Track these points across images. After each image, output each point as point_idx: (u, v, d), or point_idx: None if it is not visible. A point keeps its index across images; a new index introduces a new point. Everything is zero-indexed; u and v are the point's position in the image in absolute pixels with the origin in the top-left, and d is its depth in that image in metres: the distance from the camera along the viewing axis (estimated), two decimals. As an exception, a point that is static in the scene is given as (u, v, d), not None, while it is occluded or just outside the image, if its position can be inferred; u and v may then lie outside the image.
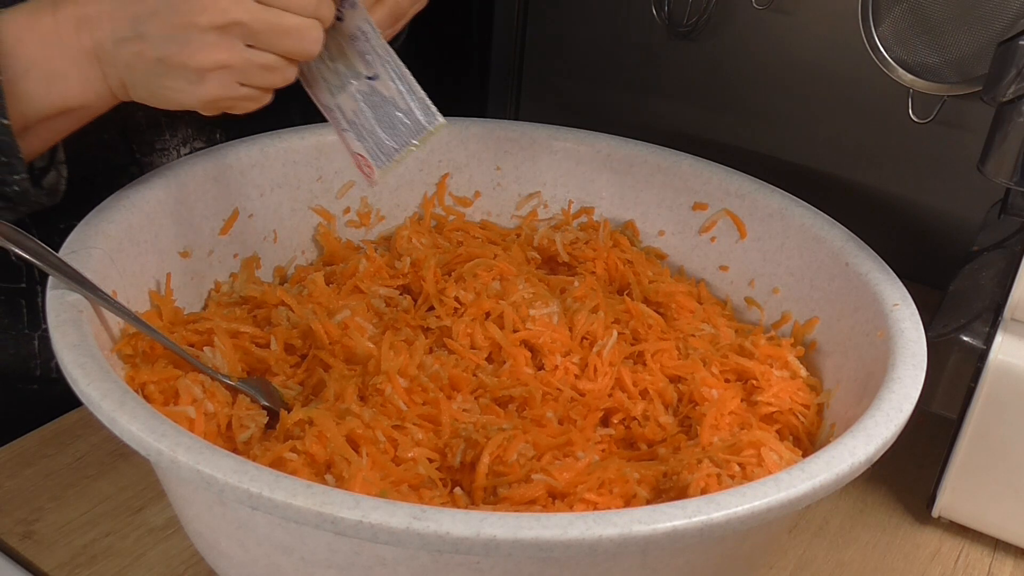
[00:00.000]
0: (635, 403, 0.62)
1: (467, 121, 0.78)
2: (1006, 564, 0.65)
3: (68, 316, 0.51)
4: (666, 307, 0.71)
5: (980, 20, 0.78)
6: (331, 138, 0.74)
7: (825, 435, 0.60)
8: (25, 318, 0.73)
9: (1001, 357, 0.61)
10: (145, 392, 0.55)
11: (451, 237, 0.76)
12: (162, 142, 0.73)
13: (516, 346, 0.64)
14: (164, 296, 0.63)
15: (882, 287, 0.62)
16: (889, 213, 0.94)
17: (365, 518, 0.40)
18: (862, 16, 0.82)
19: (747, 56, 0.96)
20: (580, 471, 0.53)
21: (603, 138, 0.78)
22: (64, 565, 0.58)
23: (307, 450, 0.51)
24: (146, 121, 0.71)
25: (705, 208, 0.75)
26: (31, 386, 0.75)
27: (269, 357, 0.62)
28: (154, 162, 0.72)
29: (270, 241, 0.72)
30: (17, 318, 0.73)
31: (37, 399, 0.74)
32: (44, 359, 0.74)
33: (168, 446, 0.43)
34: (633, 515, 0.42)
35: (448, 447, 0.56)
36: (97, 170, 0.69)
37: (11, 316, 0.72)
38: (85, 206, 0.60)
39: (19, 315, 0.73)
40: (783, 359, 0.65)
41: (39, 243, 0.53)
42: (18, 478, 0.63)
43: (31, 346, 0.74)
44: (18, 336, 0.73)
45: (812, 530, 0.66)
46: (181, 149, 0.74)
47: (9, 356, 0.74)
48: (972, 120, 0.86)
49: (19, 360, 0.74)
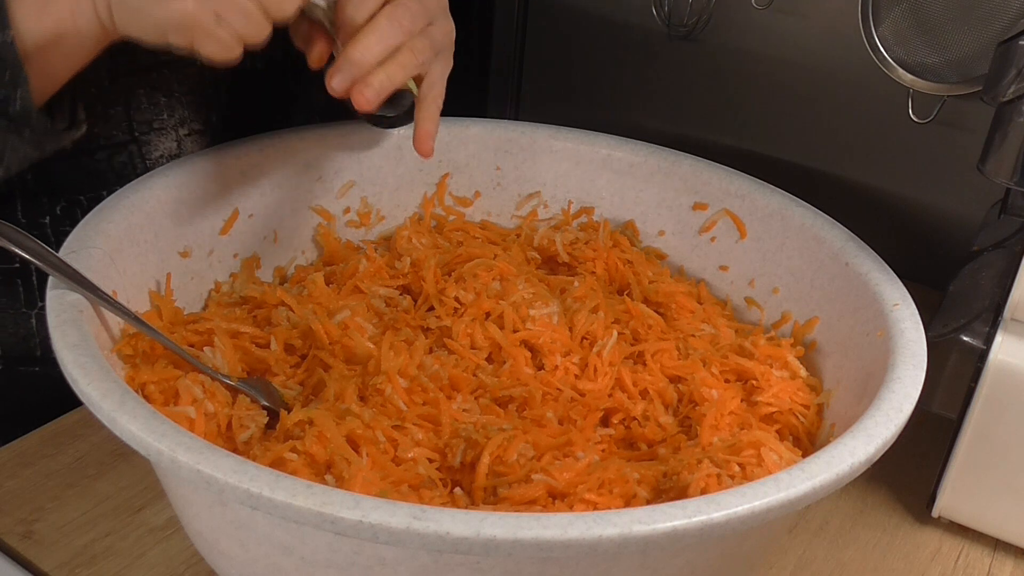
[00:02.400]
0: (635, 403, 0.62)
1: (467, 121, 0.78)
2: (1006, 564, 0.65)
3: (68, 316, 0.51)
4: (666, 307, 0.71)
5: (980, 20, 0.78)
6: (331, 138, 0.74)
7: (825, 435, 0.60)
8: (22, 297, 0.73)
9: (1001, 357, 0.61)
10: (145, 392, 0.55)
11: (451, 237, 0.76)
12: (160, 122, 0.72)
13: (516, 346, 0.64)
14: (164, 296, 0.63)
15: (882, 287, 0.62)
16: (889, 213, 0.94)
17: (365, 518, 0.40)
18: (862, 16, 0.82)
19: (747, 56, 0.96)
20: (580, 471, 0.53)
21: (603, 138, 0.78)
22: (64, 565, 0.58)
23: (307, 450, 0.51)
24: (146, 99, 0.71)
25: (705, 208, 0.75)
26: (33, 368, 0.76)
27: (269, 357, 0.62)
28: (152, 141, 0.72)
29: (270, 241, 0.72)
30: (14, 297, 0.73)
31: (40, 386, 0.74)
32: (43, 336, 0.75)
33: (168, 446, 0.43)
34: (633, 515, 0.42)
35: (448, 447, 0.56)
36: (99, 145, 0.69)
37: (8, 296, 0.73)
38: (85, 181, 0.60)
39: (16, 294, 0.73)
40: (783, 359, 0.65)
41: (39, 243, 0.53)
42: (18, 478, 0.63)
43: (29, 324, 0.74)
44: (16, 315, 0.74)
45: (812, 530, 0.66)
46: (179, 130, 0.74)
47: (8, 335, 0.74)
48: (972, 120, 0.86)
49: (19, 340, 0.75)
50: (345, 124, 0.75)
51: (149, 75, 0.70)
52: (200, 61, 0.57)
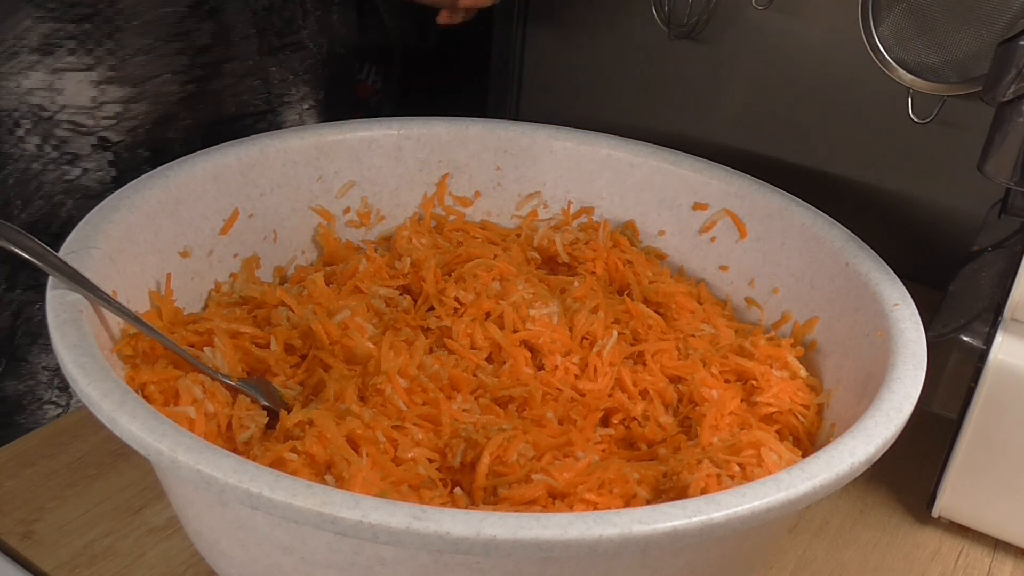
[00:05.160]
0: (635, 403, 0.62)
1: (467, 121, 0.78)
2: (1006, 564, 0.65)
3: (68, 316, 0.51)
4: (666, 307, 0.71)
5: (980, 20, 0.77)
6: (331, 138, 0.74)
7: (825, 435, 0.60)
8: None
9: (1001, 357, 0.61)
10: (145, 392, 0.55)
11: (451, 237, 0.76)
12: (288, 96, 0.81)
13: (516, 346, 0.64)
14: (164, 296, 0.63)
15: (882, 287, 0.62)
16: (889, 213, 0.94)
17: (365, 518, 0.40)
18: (862, 16, 0.82)
19: (747, 56, 0.96)
20: (580, 471, 0.53)
21: (603, 138, 0.78)
22: (64, 565, 0.58)
23: (307, 450, 0.51)
24: (278, 77, 0.79)
25: (705, 208, 0.75)
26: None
27: (269, 357, 0.62)
28: (283, 113, 0.80)
29: (270, 241, 0.72)
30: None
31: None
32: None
33: (168, 446, 0.43)
34: (633, 515, 0.42)
35: (448, 447, 0.56)
36: (246, 112, 0.77)
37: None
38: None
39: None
40: (783, 359, 0.65)
41: (39, 243, 0.53)
42: (18, 478, 0.63)
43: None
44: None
45: (812, 530, 0.66)
46: (300, 104, 0.82)
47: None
48: (972, 120, 0.86)
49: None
50: (345, 124, 0.75)
51: (279, 56, 0.78)
52: (312, 46, 0.73)
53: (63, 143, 0.66)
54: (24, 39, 0.65)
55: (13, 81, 0.65)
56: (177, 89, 0.69)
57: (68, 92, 0.66)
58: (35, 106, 0.66)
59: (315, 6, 0.80)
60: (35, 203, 0.68)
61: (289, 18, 0.78)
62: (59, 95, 0.66)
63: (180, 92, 0.69)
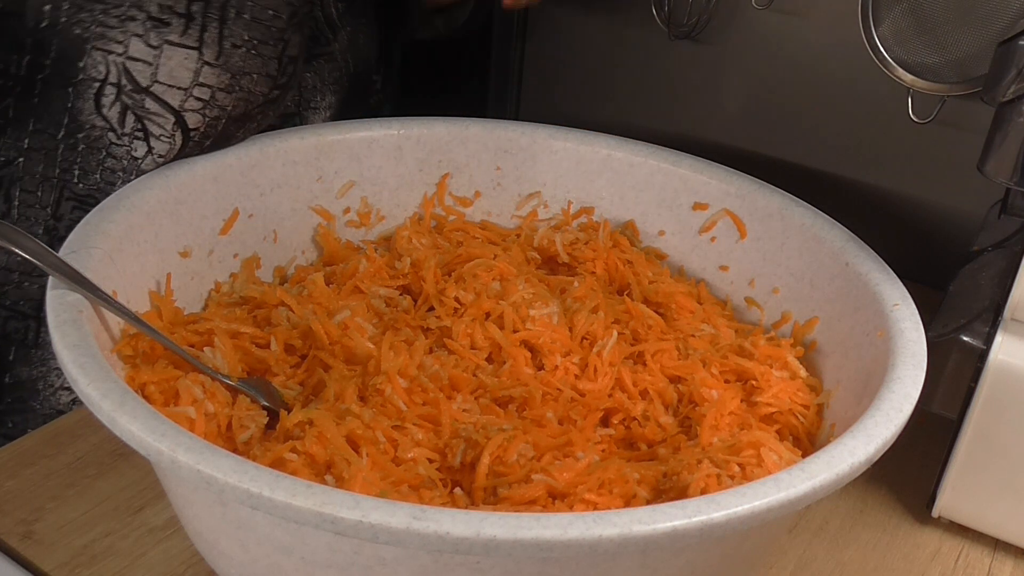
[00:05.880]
0: (635, 403, 0.62)
1: (467, 121, 0.78)
2: (1006, 564, 0.65)
3: (68, 316, 0.51)
4: (666, 307, 0.71)
5: (980, 20, 0.77)
6: (331, 138, 0.74)
7: (825, 435, 0.60)
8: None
9: (1001, 357, 0.61)
10: (145, 392, 0.55)
11: (451, 237, 0.76)
12: (315, 102, 0.81)
13: (516, 346, 0.64)
14: (164, 296, 0.63)
15: (882, 287, 0.62)
16: (889, 213, 0.94)
17: (365, 518, 0.40)
18: (862, 16, 0.82)
19: (747, 56, 0.96)
20: (580, 471, 0.53)
21: (603, 138, 0.78)
22: (64, 565, 0.58)
23: (307, 450, 0.51)
24: (309, 82, 0.81)
25: (705, 208, 0.75)
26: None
27: (269, 357, 0.62)
28: (309, 118, 0.81)
29: (270, 241, 0.72)
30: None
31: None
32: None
33: (168, 446, 0.43)
34: (633, 515, 0.42)
35: (448, 447, 0.56)
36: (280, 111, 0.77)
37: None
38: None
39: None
40: (783, 359, 0.65)
41: (39, 243, 0.53)
42: (18, 478, 0.63)
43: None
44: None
45: (812, 530, 0.66)
46: (325, 112, 0.83)
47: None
48: (972, 120, 0.86)
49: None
50: (345, 124, 0.75)
51: (310, 63, 0.79)
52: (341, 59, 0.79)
53: (141, 119, 0.65)
54: (143, 5, 0.65)
55: (121, 45, 0.64)
56: (265, 91, 0.70)
57: (167, 67, 0.65)
58: (131, 75, 0.65)
59: (347, 22, 0.81)
60: (94, 176, 0.67)
61: (325, 30, 0.80)
62: (157, 69, 0.65)
63: (265, 95, 0.70)
